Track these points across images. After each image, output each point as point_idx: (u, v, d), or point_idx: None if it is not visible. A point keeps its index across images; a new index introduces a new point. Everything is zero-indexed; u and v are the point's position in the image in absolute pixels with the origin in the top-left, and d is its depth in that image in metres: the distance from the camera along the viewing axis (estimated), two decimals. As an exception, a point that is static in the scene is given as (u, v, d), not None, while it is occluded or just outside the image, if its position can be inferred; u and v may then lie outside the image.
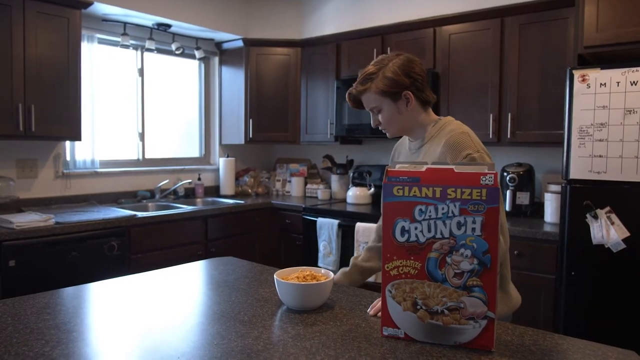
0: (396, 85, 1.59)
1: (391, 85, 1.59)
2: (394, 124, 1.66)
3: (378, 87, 1.60)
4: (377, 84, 1.61)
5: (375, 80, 1.61)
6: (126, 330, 1.30)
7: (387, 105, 1.63)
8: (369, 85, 1.62)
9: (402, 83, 1.59)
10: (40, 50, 3.11)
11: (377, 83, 1.60)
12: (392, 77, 1.59)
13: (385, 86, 1.60)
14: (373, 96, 1.63)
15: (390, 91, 1.60)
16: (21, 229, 2.72)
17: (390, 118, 1.64)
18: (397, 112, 1.63)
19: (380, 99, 1.62)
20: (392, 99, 1.61)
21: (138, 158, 4.15)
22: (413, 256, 1.18)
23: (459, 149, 1.52)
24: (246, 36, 4.39)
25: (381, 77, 1.60)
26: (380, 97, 1.62)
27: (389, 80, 1.59)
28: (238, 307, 1.45)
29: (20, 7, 3.01)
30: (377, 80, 1.61)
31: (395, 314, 1.21)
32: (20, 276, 2.71)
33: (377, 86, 1.60)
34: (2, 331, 1.26)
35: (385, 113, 1.64)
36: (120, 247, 3.12)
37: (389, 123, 1.66)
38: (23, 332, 1.26)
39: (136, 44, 4.03)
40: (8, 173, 3.28)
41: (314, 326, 1.29)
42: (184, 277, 1.85)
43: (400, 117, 1.64)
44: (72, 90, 3.28)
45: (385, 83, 1.60)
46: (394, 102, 1.62)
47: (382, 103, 1.63)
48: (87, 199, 3.70)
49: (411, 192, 1.18)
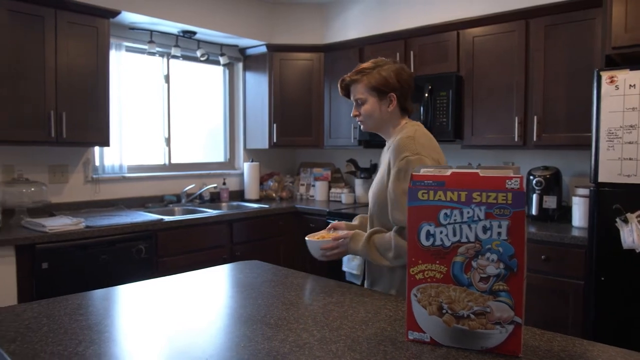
0: (386, 85, 1.75)
1: (382, 83, 1.75)
2: (371, 119, 1.81)
3: (370, 82, 1.76)
4: (370, 78, 1.76)
5: (369, 75, 1.76)
6: (155, 332, 1.33)
7: (371, 100, 1.78)
8: (362, 77, 1.77)
9: (392, 85, 1.75)
10: (71, 59, 3.20)
11: (370, 78, 1.76)
12: (386, 76, 1.75)
13: (376, 82, 1.75)
14: (362, 88, 1.77)
15: (379, 88, 1.75)
16: (53, 232, 2.80)
17: (370, 113, 1.79)
18: (379, 109, 1.78)
19: (368, 92, 1.77)
20: (378, 96, 1.77)
21: (164, 163, 4.23)
22: (438, 260, 1.18)
23: (399, 152, 1.68)
24: (269, 42, 4.43)
25: (376, 74, 1.75)
26: (368, 91, 1.77)
27: (382, 78, 1.75)
28: (264, 310, 1.46)
29: (52, 18, 3.10)
30: (371, 75, 1.76)
31: (420, 318, 1.21)
32: (53, 278, 2.79)
33: (370, 80, 1.76)
34: (38, 331, 1.31)
35: (367, 107, 1.79)
36: (148, 251, 3.18)
37: (368, 117, 1.81)
38: (57, 332, 1.30)
39: (162, 51, 4.10)
40: (41, 178, 3.37)
41: (340, 330, 1.30)
42: (210, 281, 1.87)
43: (379, 114, 1.79)
44: (101, 98, 3.36)
45: (377, 79, 1.75)
46: (379, 99, 1.77)
47: (368, 97, 1.78)
48: (115, 203, 3.78)
49: (436, 196, 1.18)
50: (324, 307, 1.50)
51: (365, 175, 4.34)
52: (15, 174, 3.24)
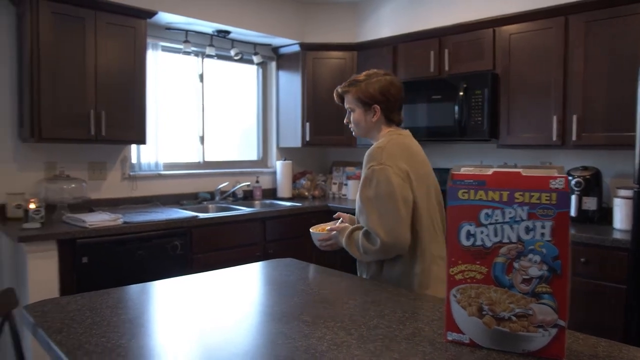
0: (370, 98, 1.92)
1: (367, 96, 1.93)
2: (358, 127, 2.00)
3: (356, 94, 1.95)
4: (357, 90, 1.94)
5: (357, 87, 1.95)
6: (193, 327, 1.35)
7: (358, 110, 1.96)
8: (351, 89, 1.96)
9: (376, 98, 1.92)
10: (110, 59, 3.27)
11: (357, 90, 1.94)
12: (370, 91, 1.92)
13: (362, 95, 1.93)
14: (351, 99, 1.97)
15: (364, 100, 1.94)
16: (93, 227, 2.87)
17: (357, 121, 1.98)
18: (364, 118, 1.96)
19: (355, 103, 1.96)
20: (364, 107, 1.95)
21: (199, 161, 4.29)
22: (479, 261, 1.17)
23: (367, 161, 1.86)
24: (302, 41, 4.45)
25: (363, 87, 1.93)
26: (355, 102, 1.96)
27: (367, 92, 1.93)
28: (300, 308, 1.47)
29: (92, 20, 3.18)
30: (358, 87, 1.94)
31: (460, 319, 1.19)
32: (92, 272, 2.86)
33: (356, 93, 1.95)
34: (82, 322, 1.34)
35: (355, 115, 1.98)
36: (183, 247, 3.23)
37: (355, 125, 2.00)
38: (100, 324, 1.34)
39: (197, 50, 4.16)
40: (81, 175, 3.47)
41: (377, 329, 1.29)
42: (245, 278, 1.89)
43: (364, 123, 1.97)
44: (138, 97, 3.43)
45: (363, 92, 1.93)
46: (364, 109, 1.95)
47: (355, 107, 1.97)
48: (151, 200, 3.85)
49: (477, 195, 1.17)
50: (360, 305, 1.49)
51: (398, 174, 4.31)
52: (57, 171, 3.34)
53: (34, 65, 2.99)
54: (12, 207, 3.13)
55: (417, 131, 3.86)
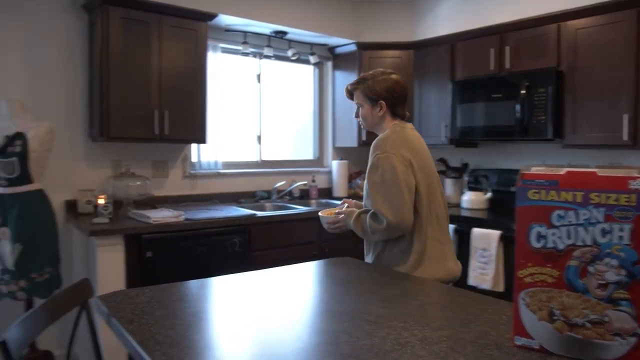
0: (377, 94, 2.10)
1: (373, 93, 2.10)
2: (366, 121, 2.18)
3: (364, 90, 2.12)
4: (364, 87, 2.12)
5: (365, 85, 2.12)
6: (257, 323, 1.38)
7: (366, 105, 2.14)
8: (360, 86, 2.14)
9: (382, 95, 2.09)
10: (172, 60, 3.39)
11: (365, 87, 2.12)
12: (377, 88, 2.09)
13: (369, 91, 2.11)
14: (359, 95, 2.15)
15: (370, 96, 2.11)
16: (157, 223, 2.98)
17: (365, 116, 2.17)
18: (371, 113, 2.14)
19: (363, 99, 2.14)
20: (370, 102, 2.12)
21: (257, 160, 4.36)
22: (550, 264, 1.12)
23: (373, 150, 2.04)
24: (359, 40, 4.44)
25: (370, 85, 2.11)
26: (363, 97, 2.14)
27: (373, 89, 2.10)
28: (362, 307, 1.47)
29: (157, 24, 3.30)
30: (365, 84, 2.12)
31: (529, 323, 1.16)
32: (155, 266, 2.97)
33: (364, 90, 2.12)
34: (152, 314, 1.40)
35: (363, 110, 2.16)
36: (241, 244, 3.30)
37: (364, 119, 2.18)
38: (168, 316, 1.39)
39: (255, 51, 4.24)
40: (145, 173, 3.61)
41: (441, 330, 1.27)
42: (304, 276, 1.91)
43: (371, 117, 2.15)
44: (199, 97, 3.53)
45: (370, 89, 2.11)
46: (371, 105, 2.12)
47: (363, 102, 2.14)
48: (210, 198, 3.96)
49: (548, 196, 1.13)
50: (422, 306, 1.48)
51: (456, 175, 4.23)
52: (123, 169, 3.49)
53: (103, 68, 3.14)
54: (82, 202, 3.30)
55: (474, 130, 3.80)
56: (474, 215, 3.61)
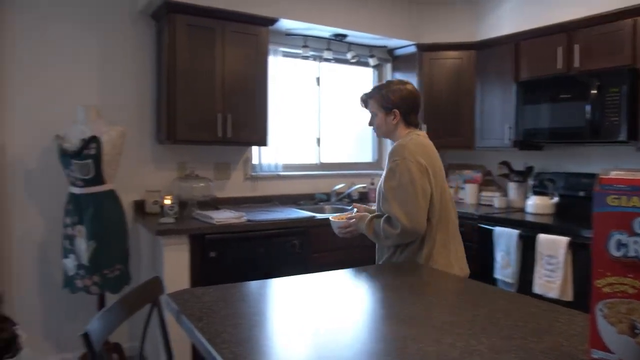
0: (390, 104, 2.19)
1: (387, 102, 2.19)
2: (380, 129, 2.27)
3: (378, 99, 2.21)
4: (379, 96, 2.21)
5: (379, 93, 2.21)
6: (318, 325, 1.38)
7: (380, 113, 2.23)
8: (374, 95, 2.23)
9: (395, 103, 2.18)
10: (235, 65, 3.47)
11: (379, 96, 2.21)
12: (391, 97, 2.18)
13: (383, 100, 2.20)
14: (374, 104, 2.24)
15: (385, 105, 2.20)
16: (220, 224, 3.07)
17: (379, 123, 2.25)
18: (384, 121, 2.22)
19: (377, 107, 2.22)
20: (385, 111, 2.21)
21: (316, 162, 4.40)
22: (632, 274, 1.06)
23: (391, 156, 2.10)
24: (419, 41, 4.38)
25: (384, 93, 2.20)
26: (377, 106, 2.22)
27: (387, 98, 2.19)
28: (427, 312, 1.44)
29: (221, 29, 3.40)
30: (380, 94, 2.21)
31: (607, 336, 1.10)
32: (218, 266, 3.05)
33: (378, 98, 2.21)
34: (218, 312, 1.43)
35: (377, 119, 2.25)
36: (301, 246, 3.33)
37: (378, 127, 2.27)
38: (234, 315, 1.42)
39: (315, 54, 4.27)
40: (208, 174, 3.72)
41: (511, 340, 1.23)
42: (364, 279, 1.90)
43: (385, 125, 2.23)
44: (260, 101, 3.60)
45: (384, 98, 2.20)
46: (385, 113, 2.21)
47: (377, 111, 2.23)
48: (270, 199, 4.02)
49: (630, 202, 1.07)
50: (489, 313, 1.43)
51: (520, 178, 4.09)
52: (188, 171, 3.61)
53: (170, 74, 3.26)
54: (150, 203, 3.44)
55: (539, 132, 3.66)
56: (540, 221, 3.47)
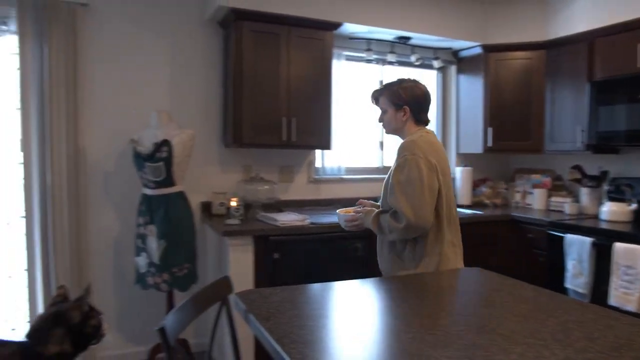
0: (401, 100, 2.21)
1: (398, 98, 2.22)
2: (389, 125, 2.29)
3: (389, 96, 2.24)
4: (389, 93, 2.24)
5: (390, 90, 2.24)
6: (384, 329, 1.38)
7: (390, 110, 2.25)
8: (385, 91, 2.26)
9: (405, 100, 2.20)
10: (299, 69, 3.53)
11: (390, 93, 2.24)
12: (402, 94, 2.21)
13: (394, 97, 2.22)
14: (384, 100, 2.26)
15: (395, 102, 2.22)
16: (284, 226, 3.12)
17: (389, 120, 2.27)
18: (394, 118, 2.25)
19: (388, 103, 2.25)
20: (395, 107, 2.23)
21: (378, 166, 4.38)
22: None
23: (401, 151, 2.13)
24: (485, 42, 4.27)
25: (395, 90, 2.23)
26: (388, 102, 2.25)
27: (398, 95, 2.21)
28: (495, 320, 1.41)
29: (286, 35, 3.47)
30: (391, 90, 2.24)
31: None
32: (281, 267, 3.11)
33: (389, 95, 2.24)
34: (285, 313, 1.47)
35: (387, 115, 2.27)
36: (363, 250, 3.33)
37: (387, 123, 2.29)
38: (299, 317, 1.44)
39: (378, 57, 4.26)
40: (272, 177, 3.80)
41: (586, 353, 1.18)
42: (430, 285, 1.88)
43: (395, 122, 2.25)
44: (325, 105, 3.64)
45: (395, 95, 2.22)
46: (395, 109, 2.23)
47: (388, 107, 2.26)
48: (332, 202, 4.04)
49: None
50: (562, 324, 1.38)
51: (593, 183, 3.89)
52: (253, 173, 3.70)
53: (236, 79, 3.36)
54: (216, 204, 3.55)
55: (616, 135, 3.46)
56: (616, 228, 3.29)
